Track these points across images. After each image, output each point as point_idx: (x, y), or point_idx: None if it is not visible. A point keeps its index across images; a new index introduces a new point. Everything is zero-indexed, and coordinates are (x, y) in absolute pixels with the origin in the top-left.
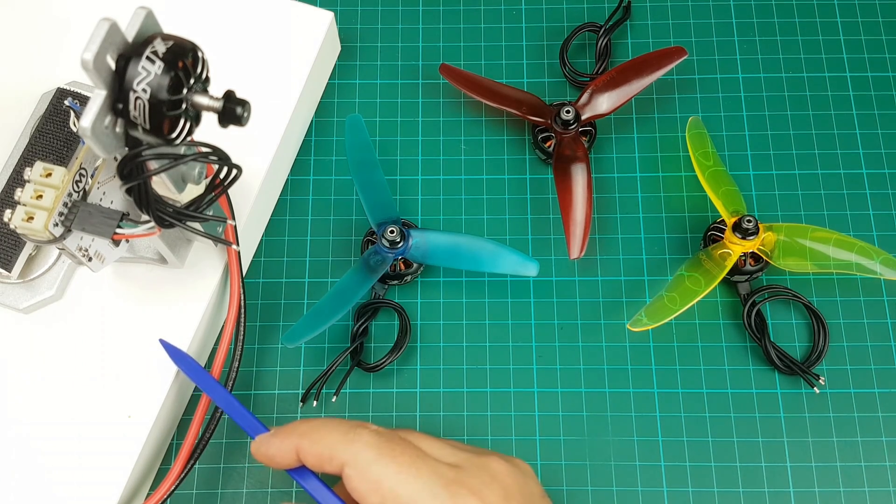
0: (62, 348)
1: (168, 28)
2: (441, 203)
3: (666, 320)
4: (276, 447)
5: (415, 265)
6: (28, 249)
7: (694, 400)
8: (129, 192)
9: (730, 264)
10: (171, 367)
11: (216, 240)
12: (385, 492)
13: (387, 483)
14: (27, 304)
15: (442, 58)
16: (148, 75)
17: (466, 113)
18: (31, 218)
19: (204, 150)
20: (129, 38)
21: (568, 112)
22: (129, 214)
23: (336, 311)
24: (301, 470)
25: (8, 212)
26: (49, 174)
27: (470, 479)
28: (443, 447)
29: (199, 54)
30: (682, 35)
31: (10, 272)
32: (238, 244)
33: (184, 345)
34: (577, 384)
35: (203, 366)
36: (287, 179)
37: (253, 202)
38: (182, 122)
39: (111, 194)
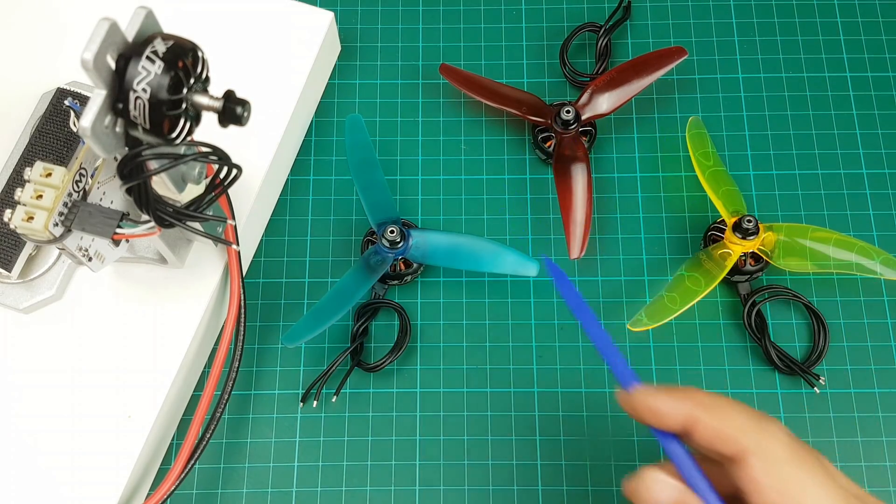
0: (62, 348)
1: (168, 28)
2: (441, 203)
3: (666, 320)
4: (668, 405)
5: (415, 265)
6: (28, 249)
7: None
8: (129, 192)
9: (730, 264)
10: (172, 367)
11: (216, 240)
12: (791, 495)
13: (795, 487)
14: (27, 304)
15: (442, 58)
16: (148, 75)
17: (466, 113)
18: (31, 218)
19: (204, 149)
20: (129, 37)
21: (568, 112)
22: (129, 214)
23: (336, 311)
24: (670, 437)
25: (8, 212)
26: (49, 174)
27: None
28: (840, 473)
29: (199, 54)
30: (682, 35)
31: (10, 272)
32: (238, 244)
33: (184, 345)
34: (577, 384)
35: (203, 366)
36: (287, 179)
37: (253, 202)
38: (182, 121)
39: (111, 194)
